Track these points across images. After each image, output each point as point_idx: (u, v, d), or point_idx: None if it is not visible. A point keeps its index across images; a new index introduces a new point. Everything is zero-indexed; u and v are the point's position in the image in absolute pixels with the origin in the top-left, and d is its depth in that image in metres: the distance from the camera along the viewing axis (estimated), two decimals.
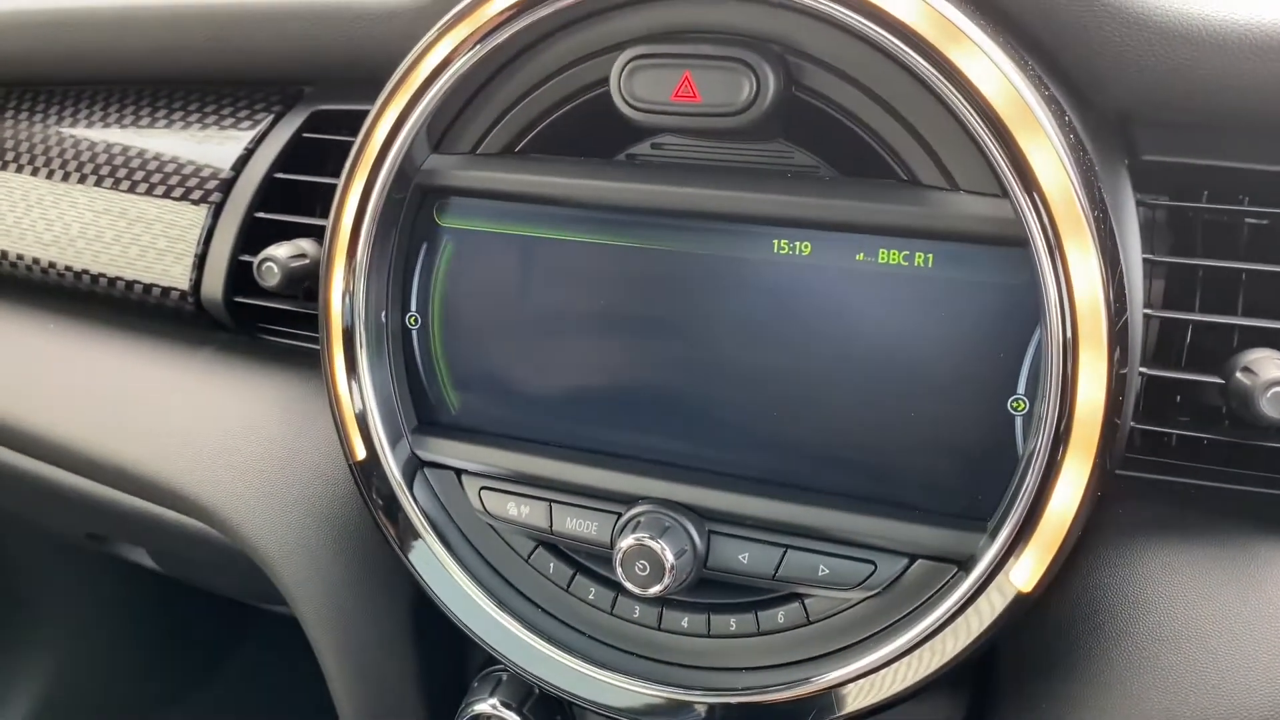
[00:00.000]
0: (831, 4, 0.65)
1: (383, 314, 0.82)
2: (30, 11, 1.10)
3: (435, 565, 0.84)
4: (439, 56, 0.75)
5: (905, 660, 0.71)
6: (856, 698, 0.73)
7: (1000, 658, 0.77)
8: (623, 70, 0.70)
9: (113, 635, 1.74)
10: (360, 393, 0.82)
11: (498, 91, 0.77)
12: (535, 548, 0.83)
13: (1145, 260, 0.72)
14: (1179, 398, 0.75)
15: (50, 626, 1.69)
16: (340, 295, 0.81)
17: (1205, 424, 0.74)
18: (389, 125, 0.77)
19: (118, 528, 1.28)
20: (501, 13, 0.72)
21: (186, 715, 1.78)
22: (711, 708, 0.77)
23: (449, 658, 0.97)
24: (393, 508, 0.84)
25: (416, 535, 0.84)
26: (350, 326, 0.81)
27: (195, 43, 1.02)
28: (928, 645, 0.71)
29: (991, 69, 0.63)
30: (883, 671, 0.72)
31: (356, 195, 0.79)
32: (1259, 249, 0.73)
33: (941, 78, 0.64)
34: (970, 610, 0.69)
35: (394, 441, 0.83)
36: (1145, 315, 0.71)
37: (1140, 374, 0.71)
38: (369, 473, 0.84)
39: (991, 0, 0.69)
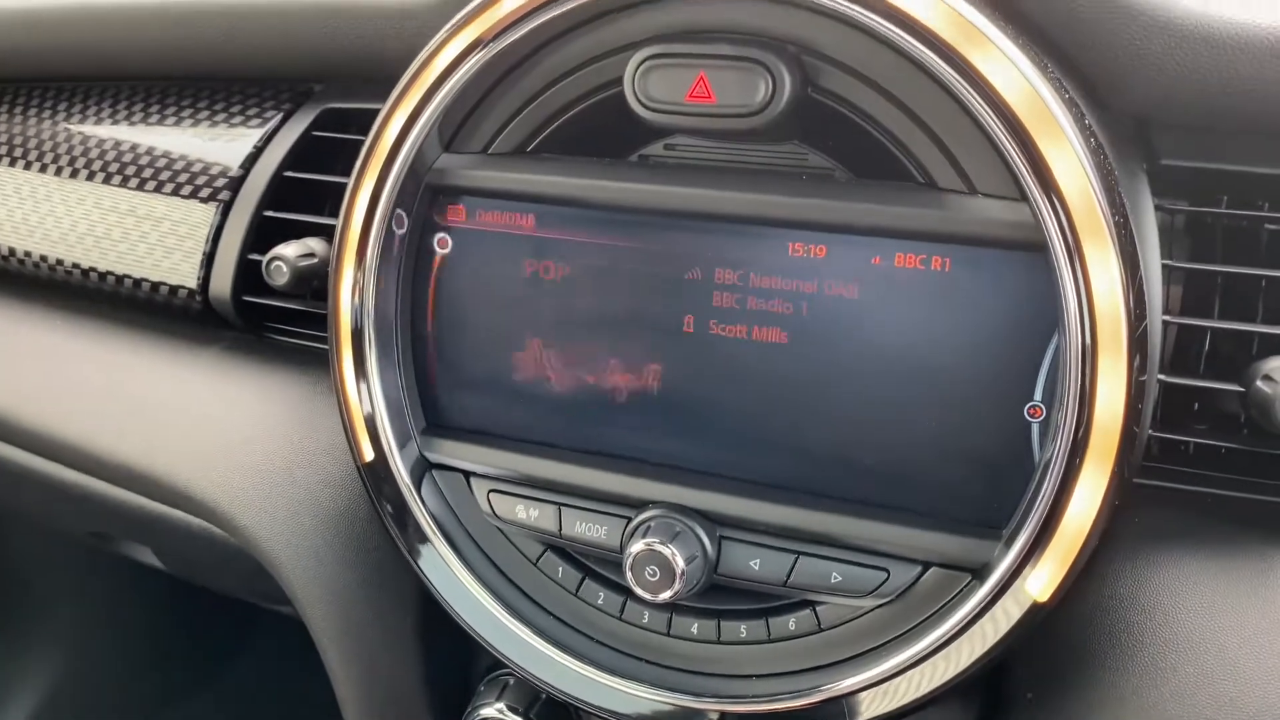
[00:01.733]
0: (849, 4, 0.64)
1: (392, 314, 0.81)
2: (41, 8, 1.10)
3: (442, 568, 0.83)
4: (451, 55, 0.74)
5: (918, 669, 0.70)
6: (868, 707, 0.73)
7: (1014, 667, 0.76)
8: (637, 70, 0.70)
9: (116, 633, 1.74)
10: (369, 394, 0.81)
11: (510, 91, 0.77)
12: (544, 551, 0.82)
13: (1164, 266, 0.71)
14: (1197, 405, 0.74)
15: (54, 624, 1.68)
16: (349, 295, 0.80)
17: (1224, 432, 0.73)
18: (400, 124, 0.77)
19: (123, 526, 1.28)
20: (514, 12, 0.71)
21: (189, 714, 1.78)
22: (721, 715, 0.76)
23: (455, 661, 0.96)
24: (400, 510, 0.83)
25: (424, 538, 0.83)
26: (359, 327, 0.81)
27: (206, 40, 1.02)
28: (941, 654, 0.70)
29: (1012, 71, 0.62)
30: (895, 680, 0.71)
31: (366, 195, 0.79)
32: (1278, 255, 0.72)
33: (961, 80, 0.63)
34: (985, 619, 0.68)
35: (402, 443, 0.82)
36: (1163, 321, 0.71)
37: (1159, 381, 0.70)
38: (377, 474, 0.83)
39: (1011, 2, 0.69)
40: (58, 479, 1.10)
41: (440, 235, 0.81)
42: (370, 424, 0.82)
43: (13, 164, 1.15)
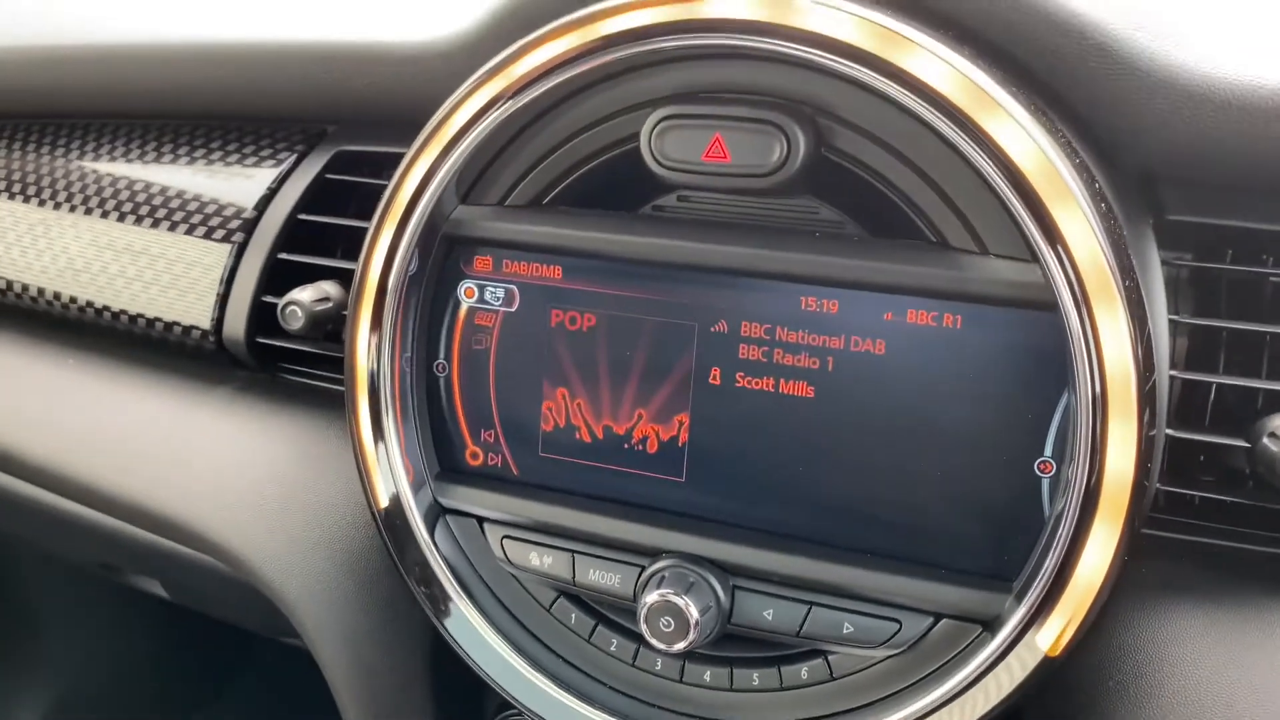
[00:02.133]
0: (864, 69, 0.65)
1: (407, 362, 0.82)
2: (57, 46, 1.11)
3: (456, 613, 0.84)
4: (471, 111, 0.75)
5: None
6: None
7: (1024, 717, 0.77)
8: (653, 129, 0.71)
9: (117, 654, 1.74)
10: (384, 443, 0.82)
11: (527, 145, 0.78)
12: (557, 598, 0.83)
13: (1170, 320, 0.72)
14: (1203, 458, 0.75)
15: (55, 645, 1.68)
16: (366, 344, 0.81)
17: (1230, 485, 0.74)
18: (419, 176, 0.78)
19: (132, 560, 1.28)
20: (535, 70, 0.72)
21: None
22: None
23: (466, 702, 0.96)
24: (414, 555, 0.84)
25: (438, 583, 0.84)
26: (375, 375, 0.82)
27: (218, 80, 1.03)
28: (952, 705, 0.71)
29: (1023, 136, 0.64)
30: None
31: (385, 245, 0.79)
32: None
33: (973, 144, 0.64)
34: (996, 671, 0.69)
35: (417, 488, 0.83)
36: (1170, 376, 0.72)
37: (1165, 435, 0.71)
38: (391, 520, 0.84)
39: (1019, 63, 0.70)
40: (67, 513, 1.10)
41: (467, 285, 0.82)
42: (385, 470, 0.83)
43: (27, 200, 1.15)
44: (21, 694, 1.66)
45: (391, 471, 0.83)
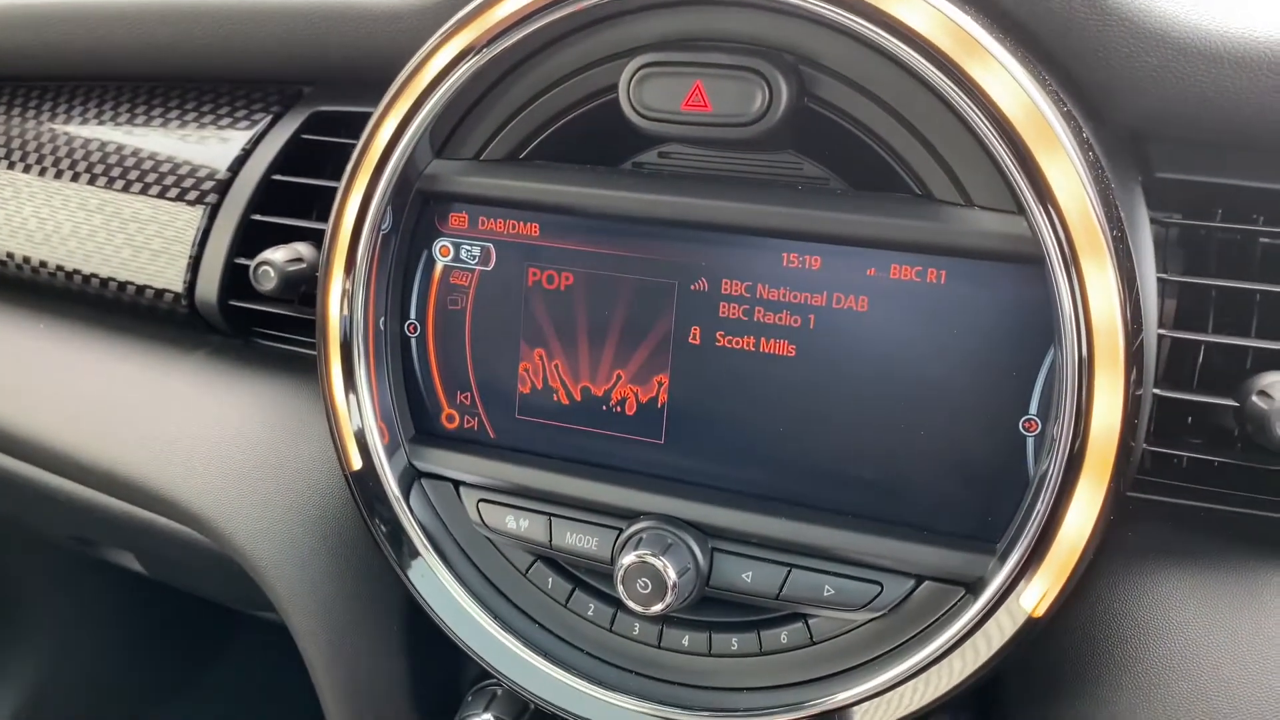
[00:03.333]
0: (847, 14, 0.64)
1: (381, 321, 0.81)
2: (24, 6, 1.08)
3: (431, 578, 0.82)
4: (444, 61, 0.73)
5: (911, 684, 0.70)
6: None
7: (1006, 682, 0.76)
8: (632, 78, 0.69)
9: (97, 638, 1.72)
10: (357, 402, 0.80)
11: (503, 97, 0.76)
12: (534, 562, 0.81)
13: (1159, 279, 0.71)
14: (1190, 419, 0.74)
15: (34, 629, 1.66)
16: (338, 303, 0.79)
17: (1217, 446, 0.73)
18: (391, 130, 0.76)
19: (105, 532, 1.26)
20: (508, 18, 0.71)
21: (172, 715, 1.76)
22: None
23: (442, 670, 0.95)
24: (388, 519, 0.82)
25: (412, 547, 0.82)
26: (348, 335, 0.80)
27: (193, 40, 1.01)
28: (934, 669, 0.70)
29: (1010, 84, 0.62)
30: (888, 695, 0.71)
31: (357, 201, 0.78)
32: (1273, 269, 0.72)
33: (959, 92, 0.63)
34: (979, 633, 0.68)
35: (391, 452, 0.82)
36: (1158, 335, 0.70)
37: (1153, 395, 0.70)
38: (365, 483, 0.82)
39: (1008, 13, 0.68)
40: (39, 483, 1.08)
41: (442, 243, 0.80)
42: (358, 432, 0.81)
43: None
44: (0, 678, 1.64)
45: (365, 433, 0.81)
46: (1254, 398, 0.67)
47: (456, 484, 0.82)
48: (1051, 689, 0.72)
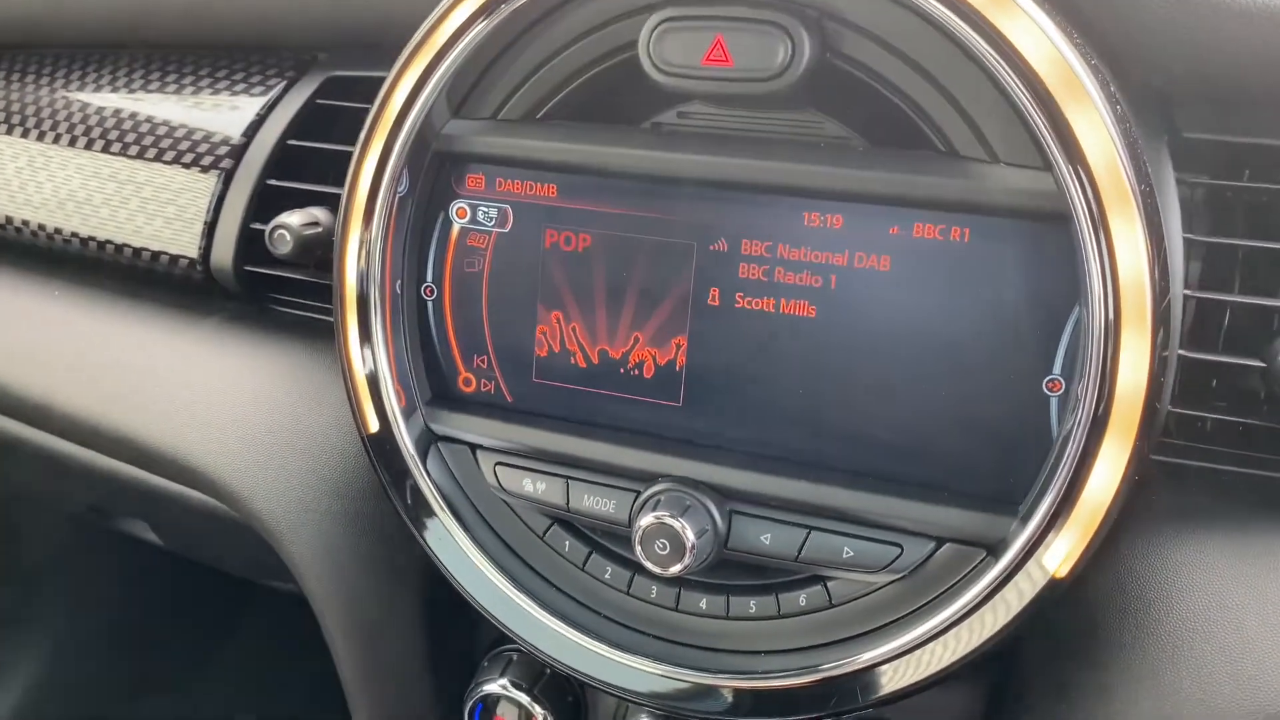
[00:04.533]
0: None
1: (398, 284, 0.80)
2: None
3: (448, 541, 0.82)
4: (461, 18, 0.72)
5: (931, 646, 0.70)
6: (880, 684, 0.72)
7: (1028, 644, 0.75)
8: (652, 32, 0.68)
9: (112, 611, 1.73)
10: (374, 364, 0.80)
11: (520, 55, 0.75)
12: (551, 525, 0.81)
13: (1185, 240, 0.70)
14: (1215, 381, 0.73)
15: (47, 604, 1.67)
16: (355, 264, 0.79)
17: (1243, 408, 0.72)
18: (408, 89, 0.75)
19: (121, 501, 1.26)
20: None
21: (187, 692, 1.77)
22: (730, 691, 0.75)
23: (459, 636, 0.95)
24: (405, 482, 0.82)
25: (429, 511, 0.82)
26: (364, 296, 0.79)
27: (208, 6, 1.00)
28: (954, 630, 0.69)
29: (1039, 36, 0.61)
30: (907, 657, 0.70)
31: (373, 161, 0.77)
32: None
33: (986, 45, 0.62)
34: (1000, 595, 0.67)
35: (408, 414, 0.81)
36: (1184, 296, 0.69)
37: (1178, 356, 0.69)
38: (381, 446, 0.82)
39: None
40: (55, 452, 1.08)
41: (459, 204, 0.79)
42: (375, 394, 0.81)
43: (10, 131, 1.13)
44: (11, 657, 1.65)
45: (382, 396, 0.81)
46: None
47: (473, 447, 0.82)
48: (1073, 650, 0.72)
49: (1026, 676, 0.76)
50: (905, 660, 0.71)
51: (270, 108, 0.99)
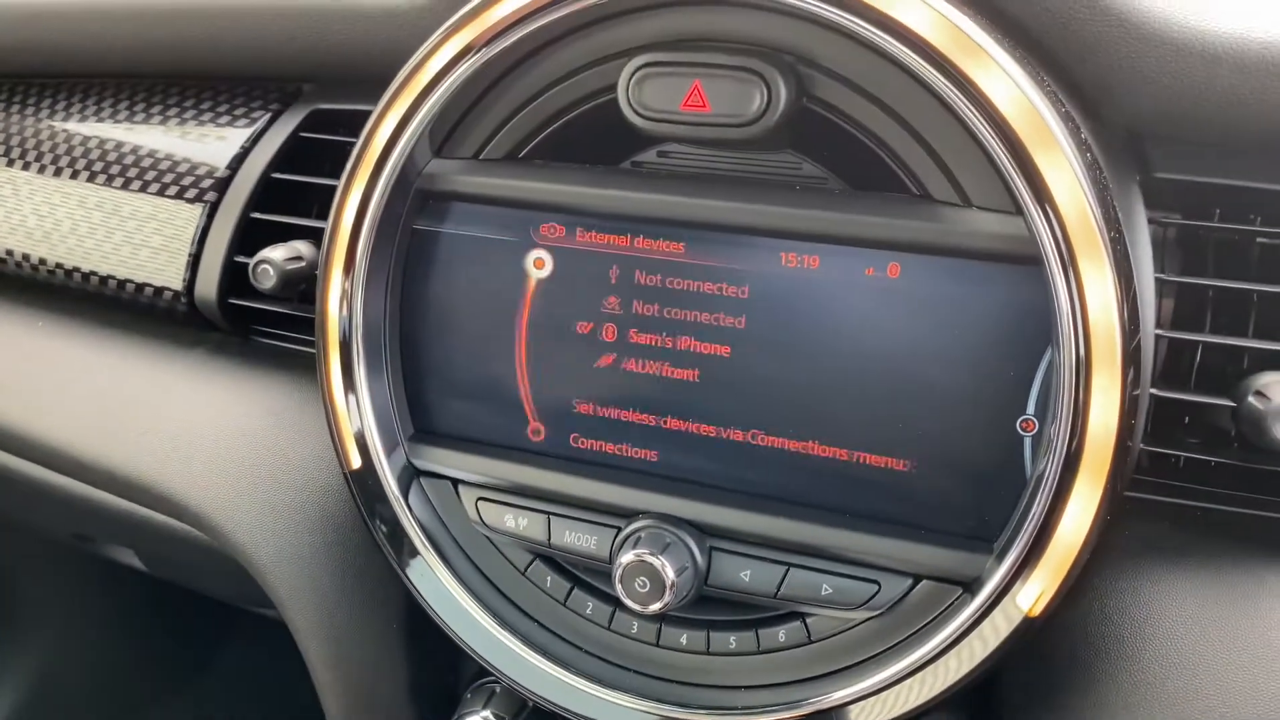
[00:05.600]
0: (845, 15, 0.64)
1: (380, 320, 0.81)
2: (23, 3, 1.08)
3: (430, 576, 0.82)
4: (444, 59, 0.73)
5: (908, 683, 0.70)
6: (858, 719, 0.72)
7: (1003, 681, 0.76)
8: (631, 78, 0.69)
9: (98, 635, 1.72)
10: (356, 401, 0.80)
11: (502, 96, 0.76)
12: (532, 560, 0.81)
13: (1156, 279, 0.71)
14: (1187, 419, 0.74)
15: (35, 626, 1.66)
16: (337, 302, 0.79)
17: (1214, 446, 0.73)
18: (391, 128, 0.76)
19: (106, 529, 1.26)
20: (508, 17, 0.71)
21: (170, 715, 1.76)
22: None
23: (441, 668, 0.95)
24: (387, 518, 0.82)
25: (411, 546, 0.82)
26: (347, 333, 0.80)
27: (192, 38, 1.01)
28: (931, 668, 0.70)
29: (1008, 84, 0.62)
30: (885, 694, 0.71)
31: (356, 199, 0.78)
32: (1270, 270, 0.72)
33: (956, 92, 0.63)
34: (976, 633, 0.68)
35: (390, 450, 0.82)
36: (1156, 335, 0.70)
37: (1150, 395, 0.70)
38: (364, 482, 0.82)
39: (1006, 13, 0.68)
40: (39, 481, 1.08)
41: (430, 241, 0.80)
42: (357, 432, 0.81)
43: None
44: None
45: (364, 432, 0.81)
46: (1250, 398, 0.67)
47: (455, 482, 0.82)
48: (1048, 688, 0.72)
49: (1001, 711, 0.77)
50: (882, 696, 0.71)
51: (255, 140, 0.99)
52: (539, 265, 0.77)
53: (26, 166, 1.10)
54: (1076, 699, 0.71)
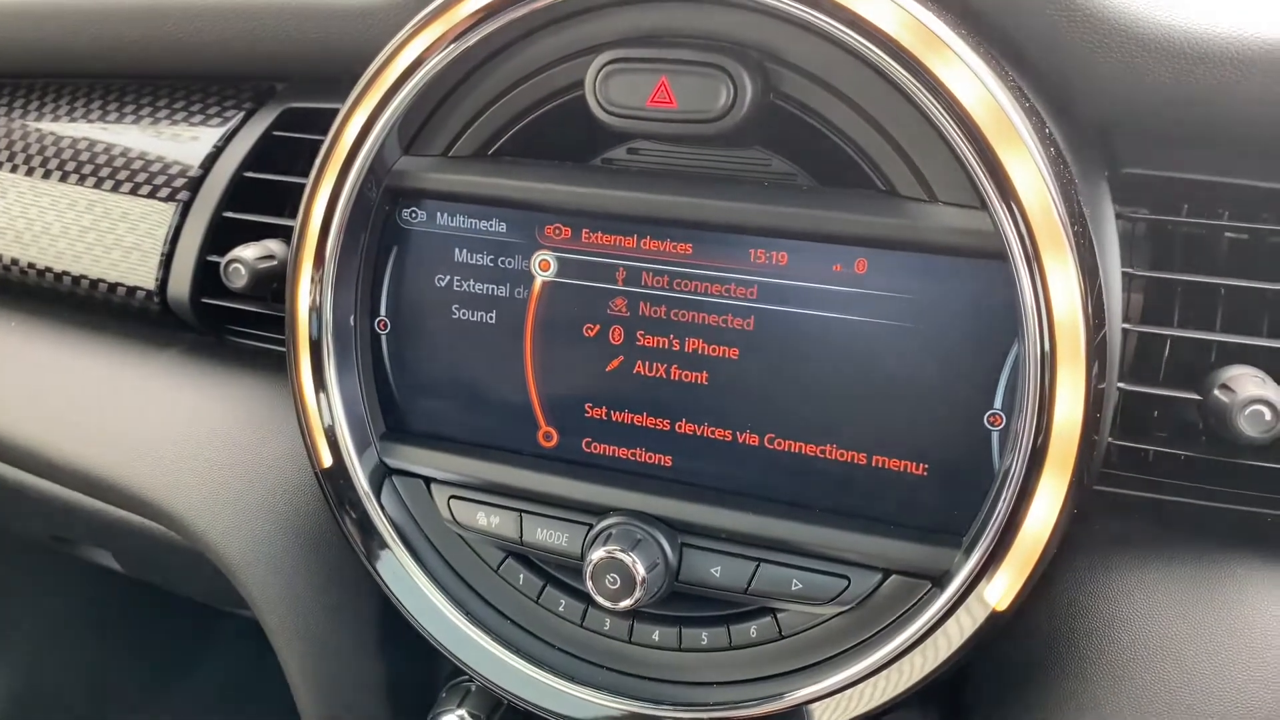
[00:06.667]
0: (810, 10, 0.64)
1: (351, 319, 0.80)
2: None
3: (402, 575, 0.82)
4: (411, 56, 0.73)
5: (878, 677, 0.70)
6: (828, 714, 0.72)
7: (973, 675, 0.76)
8: (598, 74, 0.69)
9: (77, 638, 1.71)
10: (327, 400, 0.80)
11: (471, 93, 0.76)
12: (505, 558, 0.81)
13: (1124, 274, 0.71)
14: (1157, 413, 0.75)
15: (13, 629, 1.65)
16: (307, 300, 0.79)
17: (1183, 440, 0.73)
18: (359, 126, 0.76)
19: (81, 530, 1.25)
20: (476, 13, 0.70)
21: (151, 718, 1.75)
22: None
23: (416, 667, 0.95)
24: (359, 516, 0.82)
25: (384, 545, 0.82)
26: (317, 332, 0.80)
27: (163, 37, 1.00)
28: (901, 662, 0.70)
29: (971, 79, 0.62)
30: (855, 688, 0.71)
31: (325, 197, 0.77)
32: (1238, 264, 0.73)
33: (920, 87, 0.63)
34: (944, 627, 0.68)
35: (361, 449, 0.81)
36: (1123, 329, 0.71)
37: (1118, 389, 0.70)
38: (335, 480, 0.82)
39: (971, 9, 0.68)
40: (14, 482, 1.08)
41: (400, 238, 0.79)
42: (328, 430, 0.81)
43: None
44: None
45: (335, 432, 0.81)
46: (1216, 391, 0.67)
47: (427, 481, 0.82)
48: (1019, 681, 0.72)
49: (971, 706, 0.77)
50: (853, 691, 0.71)
51: (228, 139, 0.99)
52: (544, 267, 0.76)
53: None
54: (1047, 693, 0.71)
